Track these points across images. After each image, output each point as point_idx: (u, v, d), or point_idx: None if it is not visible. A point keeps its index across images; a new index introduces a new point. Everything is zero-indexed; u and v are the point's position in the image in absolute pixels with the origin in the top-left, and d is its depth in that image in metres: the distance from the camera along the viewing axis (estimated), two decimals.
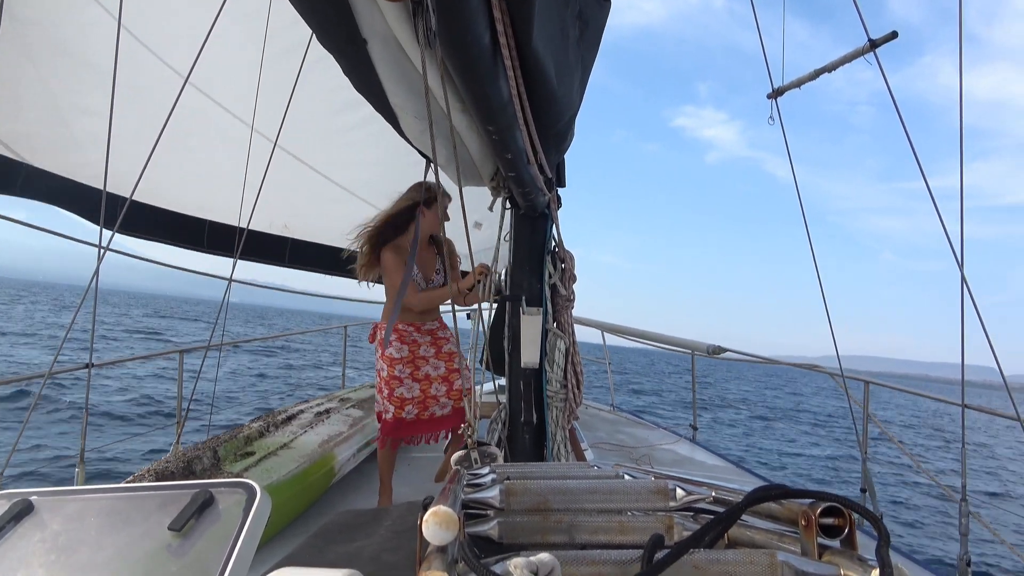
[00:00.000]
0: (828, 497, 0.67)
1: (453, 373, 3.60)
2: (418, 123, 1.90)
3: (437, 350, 3.65)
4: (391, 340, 3.59)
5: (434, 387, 3.58)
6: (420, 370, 3.58)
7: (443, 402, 3.58)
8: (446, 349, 3.65)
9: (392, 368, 3.53)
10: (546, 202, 2.92)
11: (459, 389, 3.55)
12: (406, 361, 3.57)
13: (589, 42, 2.20)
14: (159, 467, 2.64)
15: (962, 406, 3.23)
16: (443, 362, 3.62)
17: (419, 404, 3.54)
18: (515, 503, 0.89)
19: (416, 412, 3.54)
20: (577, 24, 2.00)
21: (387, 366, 3.54)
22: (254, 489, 0.85)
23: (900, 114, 3.17)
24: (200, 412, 5.16)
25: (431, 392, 3.58)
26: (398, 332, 3.59)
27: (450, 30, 1.29)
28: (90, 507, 0.86)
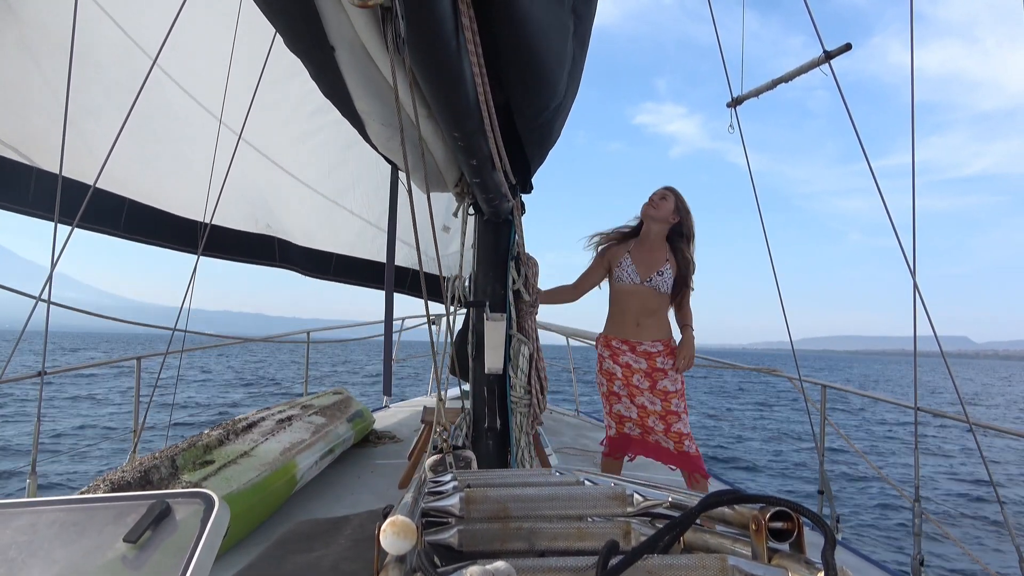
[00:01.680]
0: (777, 502, 0.69)
1: (671, 415, 3.35)
2: (385, 130, 1.90)
3: (652, 384, 3.38)
4: (604, 355, 3.51)
5: (651, 419, 3.39)
6: (635, 398, 3.42)
7: (664, 438, 3.37)
8: (662, 385, 3.36)
9: (611, 383, 3.47)
10: (510, 208, 2.93)
11: (679, 432, 3.33)
12: (622, 382, 3.45)
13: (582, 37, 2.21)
14: (115, 477, 2.58)
15: (915, 408, 3.33)
16: (659, 399, 3.37)
17: (639, 425, 3.43)
18: (475, 511, 0.90)
19: (640, 432, 3.43)
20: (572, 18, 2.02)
21: (606, 380, 3.49)
22: (212, 499, 0.84)
23: (852, 119, 3.26)
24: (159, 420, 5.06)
25: (648, 423, 3.40)
26: (610, 348, 3.48)
27: (418, 36, 1.29)
28: (41, 519, 0.84)
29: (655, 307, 3.43)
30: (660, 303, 3.43)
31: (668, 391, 3.35)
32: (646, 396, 3.39)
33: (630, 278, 3.43)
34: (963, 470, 12.96)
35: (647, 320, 3.42)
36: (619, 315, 3.50)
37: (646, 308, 3.43)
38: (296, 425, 3.94)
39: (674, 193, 3.47)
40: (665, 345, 3.41)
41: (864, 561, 3.23)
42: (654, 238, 3.47)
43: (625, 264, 3.47)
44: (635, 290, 3.43)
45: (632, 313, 3.45)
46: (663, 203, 3.44)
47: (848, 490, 10.45)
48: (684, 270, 3.42)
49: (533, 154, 2.65)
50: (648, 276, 3.41)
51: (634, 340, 3.43)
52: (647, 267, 3.43)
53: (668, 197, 3.45)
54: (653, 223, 3.46)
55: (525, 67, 1.84)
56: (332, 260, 6.01)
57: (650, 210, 3.45)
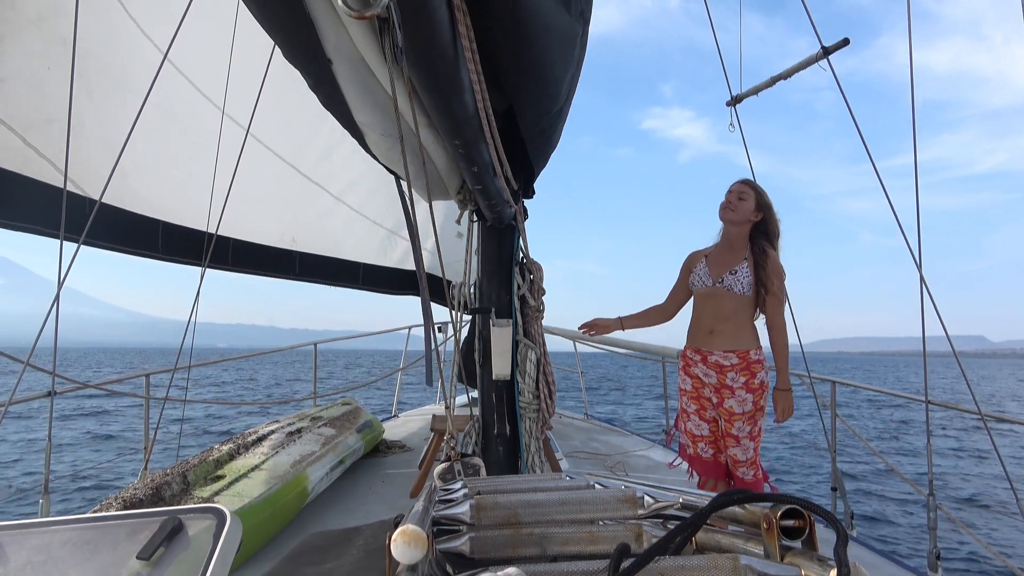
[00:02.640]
0: (788, 500, 0.69)
1: (729, 438, 3.08)
2: (385, 140, 1.91)
3: (720, 401, 3.08)
4: (680, 366, 3.26)
5: (728, 440, 3.11)
6: (707, 412, 3.15)
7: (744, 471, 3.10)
8: (728, 405, 3.04)
9: (681, 399, 3.24)
10: (513, 214, 2.94)
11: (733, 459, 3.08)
12: (690, 396, 3.19)
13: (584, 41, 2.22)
14: (127, 495, 2.59)
15: (926, 402, 3.31)
16: (723, 419, 3.09)
17: (712, 444, 3.16)
18: (485, 518, 0.90)
19: (712, 453, 3.17)
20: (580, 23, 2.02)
21: (679, 396, 3.27)
22: (224, 514, 0.84)
23: (853, 114, 3.25)
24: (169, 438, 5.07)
25: (723, 443, 3.14)
26: (685, 359, 3.23)
27: (416, 46, 1.30)
28: (56, 539, 0.84)
29: (730, 312, 3.08)
30: (736, 307, 3.07)
31: (733, 412, 3.04)
32: (713, 411, 3.14)
33: (702, 281, 3.15)
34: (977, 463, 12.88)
35: (721, 326, 3.09)
36: (695, 323, 3.23)
37: (719, 313, 3.10)
38: (306, 437, 3.94)
39: (753, 188, 3.14)
40: (741, 358, 3.04)
41: (879, 556, 3.22)
42: (734, 238, 3.15)
43: (699, 268, 3.19)
44: (708, 293, 3.13)
45: (706, 319, 3.15)
46: (742, 204, 3.10)
47: (861, 486, 10.40)
48: (763, 269, 3.03)
49: (536, 158, 2.66)
50: (720, 276, 3.09)
51: (705, 350, 3.12)
52: (720, 267, 3.12)
53: (747, 195, 3.11)
54: (731, 225, 3.15)
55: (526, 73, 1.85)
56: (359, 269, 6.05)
57: (728, 214, 3.13)
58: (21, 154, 3.09)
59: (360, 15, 0.99)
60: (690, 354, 3.19)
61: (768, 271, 3.02)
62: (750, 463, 3.08)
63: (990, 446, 3.14)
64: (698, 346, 3.15)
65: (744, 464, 3.07)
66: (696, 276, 3.19)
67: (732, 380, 3.03)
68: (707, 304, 3.15)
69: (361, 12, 0.98)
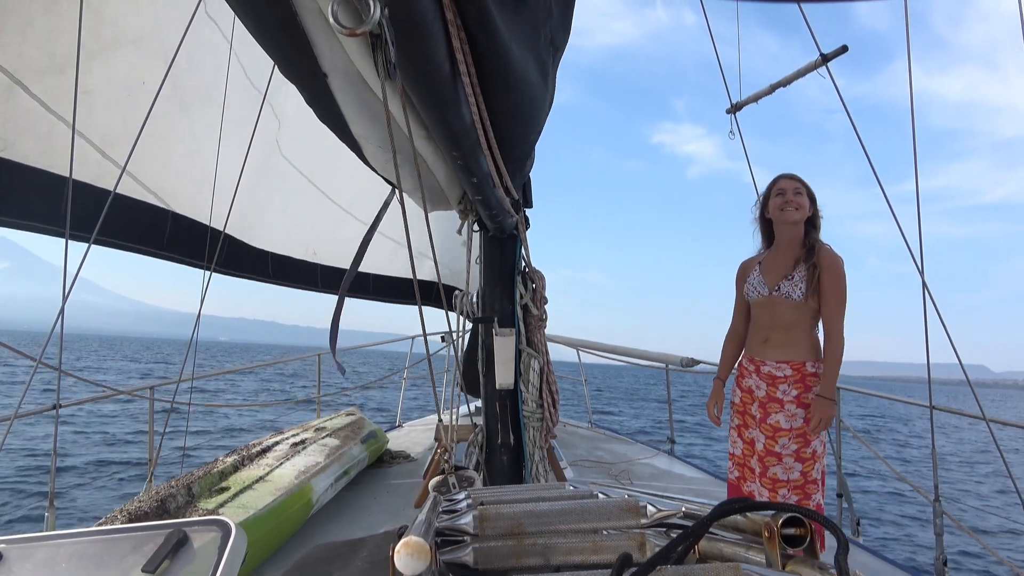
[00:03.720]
0: (789, 508, 0.69)
1: (771, 456, 2.74)
2: (382, 152, 1.92)
3: (764, 416, 2.79)
4: (735, 377, 3.03)
5: (753, 460, 2.83)
6: (748, 430, 2.89)
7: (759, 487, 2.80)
8: (773, 420, 2.75)
9: (732, 412, 2.99)
10: (514, 224, 2.95)
11: (773, 479, 2.74)
12: (736, 409, 2.96)
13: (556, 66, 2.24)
14: (132, 507, 2.59)
15: (930, 407, 3.31)
16: (765, 436, 2.77)
17: (739, 467, 2.93)
18: (489, 528, 0.90)
19: (737, 476, 2.93)
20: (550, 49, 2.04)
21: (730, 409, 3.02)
22: (228, 526, 0.85)
23: (853, 122, 3.28)
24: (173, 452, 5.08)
25: (750, 464, 2.86)
26: (739, 369, 2.99)
27: (410, 61, 1.31)
28: (61, 552, 0.85)
29: (789, 321, 2.80)
30: (796, 315, 2.78)
31: (779, 428, 2.74)
32: (755, 431, 2.84)
33: (757, 291, 2.89)
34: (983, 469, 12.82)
35: (777, 336, 2.83)
36: (752, 331, 2.97)
37: (776, 322, 2.83)
38: (310, 448, 3.94)
39: (804, 183, 2.87)
40: (796, 370, 2.75)
41: (884, 563, 3.20)
42: (788, 241, 2.87)
43: (753, 276, 2.93)
44: (764, 302, 2.87)
45: (762, 328, 2.90)
46: (801, 200, 2.82)
47: (869, 492, 10.35)
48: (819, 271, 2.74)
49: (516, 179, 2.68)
50: (776, 284, 2.82)
51: (759, 359, 2.87)
52: (775, 273, 2.85)
53: (802, 189, 2.84)
54: (787, 226, 2.85)
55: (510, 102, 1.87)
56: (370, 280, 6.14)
57: (793, 214, 2.81)
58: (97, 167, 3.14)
59: (352, 32, 1.00)
60: (745, 363, 2.96)
61: (823, 268, 2.73)
62: (795, 487, 2.72)
63: (995, 451, 3.14)
64: (752, 355, 2.92)
65: (786, 485, 2.72)
66: (750, 286, 2.93)
67: (783, 393, 2.75)
68: (762, 313, 2.90)
69: (352, 29, 1.00)
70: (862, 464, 11.33)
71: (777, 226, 2.90)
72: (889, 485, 10.70)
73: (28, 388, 2.55)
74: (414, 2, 1.16)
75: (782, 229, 2.88)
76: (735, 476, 2.94)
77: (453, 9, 1.33)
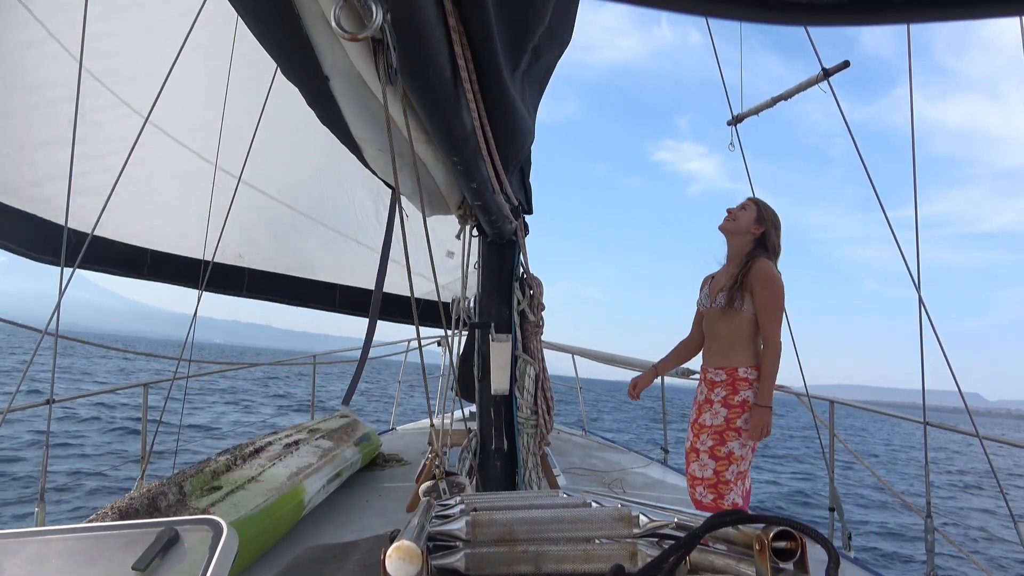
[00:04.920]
0: (780, 521, 0.70)
1: (692, 452, 2.96)
2: (382, 155, 1.93)
3: (697, 416, 2.99)
4: None
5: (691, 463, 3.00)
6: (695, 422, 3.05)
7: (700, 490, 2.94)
8: (703, 419, 2.94)
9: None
10: (513, 230, 2.95)
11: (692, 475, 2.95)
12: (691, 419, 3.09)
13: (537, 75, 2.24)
14: (122, 505, 2.57)
15: (923, 423, 3.31)
16: (693, 434, 2.98)
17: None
18: (481, 534, 0.90)
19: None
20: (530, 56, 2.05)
21: None
22: (220, 525, 0.84)
23: (854, 139, 3.28)
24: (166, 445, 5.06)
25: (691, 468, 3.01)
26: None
27: (412, 66, 1.32)
28: (51, 549, 0.85)
29: (724, 330, 2.98)
30: (730, 325, 2.95)
31: (704, 425, 2.92)
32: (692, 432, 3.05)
33: (702, 303, 3.15)
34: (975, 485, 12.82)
35: (717, 344, 3.03)
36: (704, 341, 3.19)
37: (715, 331, 3.05)
38: (303, 449, 3.93)
39: (756, 203, 3.06)
40: (728, 374, 2.92)
41: None
42: (733, 255, 3.07)
43: (703, 289, 3.19)
44: (707, 313, 3.11)
45: (707, 338, 3.13)
46: (742, 213, 3.03)
47: (861, 507, 10.35)
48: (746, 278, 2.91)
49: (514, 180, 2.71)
50: (715, 296, 3.03)
51: (705, 366, 3.09)
52: (717, 285, 3.07)
53: (748, 207, 3.05)
54: (732, 238, 3.07)
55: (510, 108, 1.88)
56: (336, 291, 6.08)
57: (727, 224, 3.05)
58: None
59: (354, 37, 1.00)
60: (699, 372, 3.14)
61: (750, 278, 2.89)
62: (709, 485, 2.87)
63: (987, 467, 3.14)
64: (702, 364, 3.11)
65: (701, 483, 2.89)
66: (700, 298, 3.18)
67: (715, 395, 2.93)
68: (707, 323, 3.11)
69: (355, 34, 1.00)
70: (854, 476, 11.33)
71: (727, 241, 3.10)
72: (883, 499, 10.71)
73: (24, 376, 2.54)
74: (416, 8, 1.16)
75: (729, 242, 3.08)
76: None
77: (456, 15, 1.33)
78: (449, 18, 1.31)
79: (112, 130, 3.98)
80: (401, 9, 1.12)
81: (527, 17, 1.67)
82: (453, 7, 1.31)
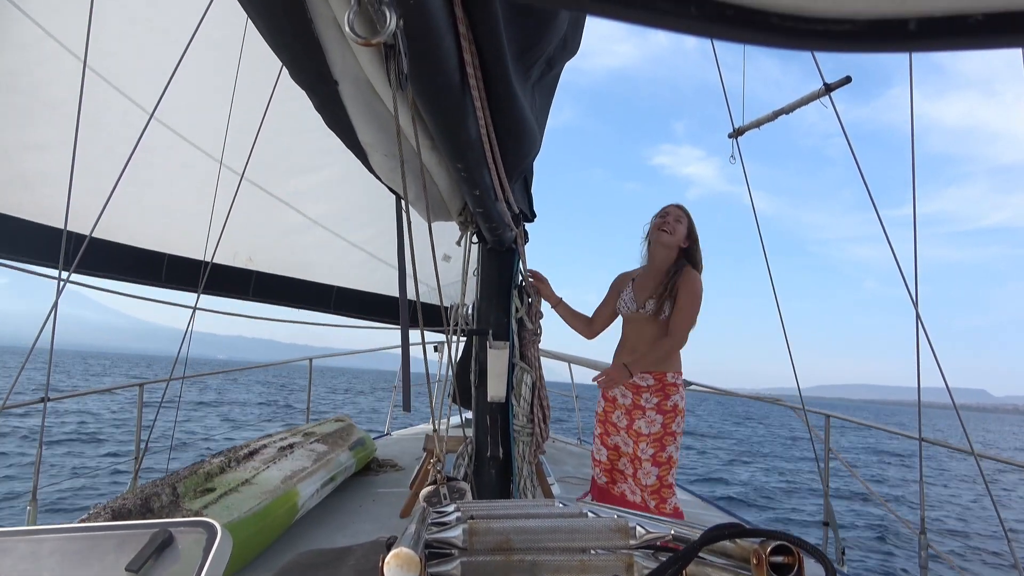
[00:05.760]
0: (778, 536, 0.70)
1: (636, 460, 3.04)
2: (388, 160, 1.93)
3: (629, 423, 3.08)
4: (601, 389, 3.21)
5: (622, 462, 3.13)
6: (610, 437, 3.17)
7: (631, 486, 3.07)
8: (637, 426, 3.04)
9: (596, 422, 3.26)
10: (513, 237, 2.96)
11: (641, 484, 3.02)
12: (599, 419, 3.22)
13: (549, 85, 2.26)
14: (116, 505, 2.56)
15: (919, 439, 3.31)
16: (632, 440, 3.06)
17: (608, 472, 3.17)
18: (478, 543, 0.90)
19: (606, 481, 3.16)
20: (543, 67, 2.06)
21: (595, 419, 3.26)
22: (214, 528, 0.84)
23: (853, 151, 3.30)
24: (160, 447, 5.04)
25: (619, 466, 3.15)
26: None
27: (422, 72, 1.32)
28: (43, 548, 0.84)
29: (652, 336, 3.08)
30: (659, 332, 3.06)
31: (640, 433, 3.02)
32: (621, 436, 3.12)
33: (627, 306, 3.16)
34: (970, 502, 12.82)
35: (643, 348, 3.09)
36: (620, 345, 3.23)
37: (642, 337, 3.11)
38: (298, 453, 3.92)
39: (687, 214, 3.16)
40: (657, 380, 3.04)
41: None
42: (660, 263, 3.15)
43: (626, 291, 3.20)
44: (632, 318, 3.16)
45: (629, 340, 3.18)
46: (679, 227, 3.11)
47: (854, 521, 10.34)
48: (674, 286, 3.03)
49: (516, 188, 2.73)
50: (643, 302, 3.09)
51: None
52: (644, 292, 3.12)
53: (683, 219, 3.13)
54: (661, 248, 3.13)
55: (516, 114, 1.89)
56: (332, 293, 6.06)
57: (664, 236, 3.10)
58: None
59: (367, 42, 1.00)
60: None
61: (677, 285, 3.01)
62: (652, 491, 2.98)
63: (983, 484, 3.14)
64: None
65: (645, 490, 2.99)
66: (622, 301, 3.20)
67: (645, 401, 3.03)
68: (630, 327, 3.18)
69: (368, 39, 1.00)
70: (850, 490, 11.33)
71: (652, 247, 3.17)
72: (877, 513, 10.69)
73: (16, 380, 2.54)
74: (428, 14, 1.17)
75: (656, 250, 3.15)
76: (603, 481, 3.17)
77: (466, 23, 1.34)
78: (460, 25, 1.32)
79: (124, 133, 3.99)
80: (413, 15, 1.12)
81: (541, 27, 1.68)
82: (464, 14, 1.32)
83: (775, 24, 0.26)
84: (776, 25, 0.26)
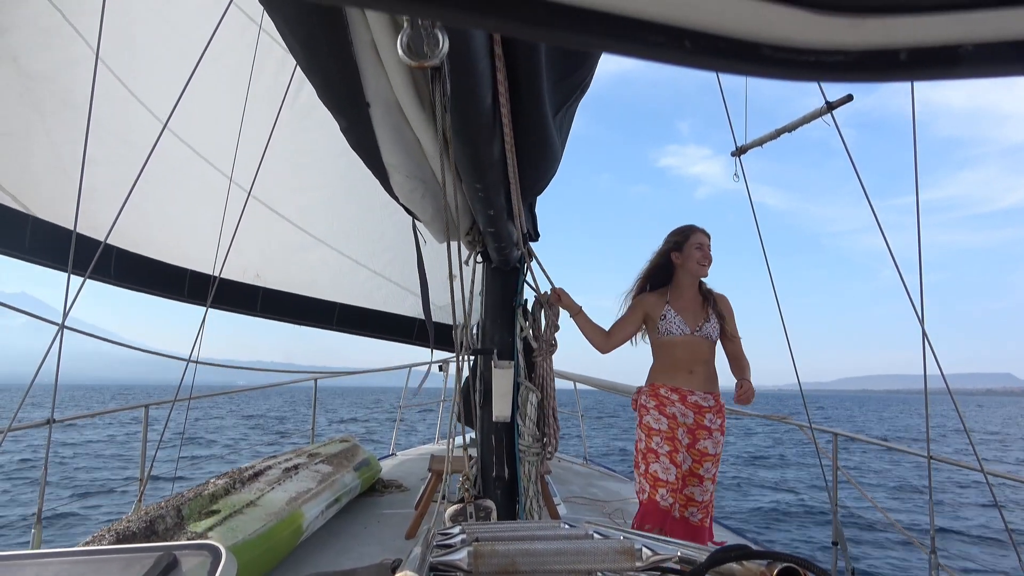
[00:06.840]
0: (784, 558, 0.69)
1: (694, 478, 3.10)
2: (408, 182, 1.95)
3: (692, 442, 3.11)
4: (649, 406, 3.20)
5: (689, 486, 3.12)
6: (678, 454, 3.11)
7: (694, 511, 3.11)
8: (701, 445, 3.10)
9: (650, 440, 3.15)
10: (519, 256, 2.96)
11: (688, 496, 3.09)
12: (665, 436, 3.13)
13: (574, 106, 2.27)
14: (120, 527, 2.56)
15: (927, 458, 3.28)
16: (691, 459, 3.11)
17: (674, 492, 3.09)
18: (483, 565, 0.90)
19: (672, 502, 3.06)
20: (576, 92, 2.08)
21: (644, 436, 3.17)
22: (219, 551, 0.84)
23: (854, 163, 3.29)
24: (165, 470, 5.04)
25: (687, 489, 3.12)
26: (657, 398, 3.19)
27: (460, 94, 1.35)
28: (47, 572, 0.84)
29: (707, 356, 3.21)
30: (711, 352, 3.22)
31: (706, 453, 3.09)
32: (682, 454, 3.11)
33: (680, 328, 3.20)
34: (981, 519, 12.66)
35: (700, 369, 3.19)
36: (669, 365, 3.23)
37: (698, 357, 3.20)
38: (302, 474, 3.91)
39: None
40: (716, 401, 3.17)
41: None
42: (687, 287, 3.27)
43: (670, 316, 3.23)
44: (686, 341, 3.20)
45: (684, 362, 3.20)
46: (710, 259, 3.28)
47: (864, 540, 10.22)
48: (724, 320, 3.23)
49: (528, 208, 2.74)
50: (697, 325, 3.20)
51: (686, 388, 3.17)
52: (695, 317, 3.22)
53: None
54: (687, 275, 3.26)
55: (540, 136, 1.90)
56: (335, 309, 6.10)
57: (703, 270, 3.25)
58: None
59: (421, 64, 1.03)
60: (665, 393, 3.17)
61: (720, 310, 3.24)
62: (703, 506, 3.11)
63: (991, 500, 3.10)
64: (677, 385, 3.17)
65: (698, 505, 3.10)
66: (670, 325, 3.21)
67: (710, 421, 3.12)
68: (683, 349, 3.20)
69: (421, 62, 1.02)
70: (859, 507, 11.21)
71: (681, 273, 3.27)
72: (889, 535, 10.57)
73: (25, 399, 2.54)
74: (472, 38, 1.19)
75: (687, 278, 3.26)
76: (668, 504, 3.04)
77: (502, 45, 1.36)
78: (496, 47, 1.34)
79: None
80: (458, 38, 1.14)
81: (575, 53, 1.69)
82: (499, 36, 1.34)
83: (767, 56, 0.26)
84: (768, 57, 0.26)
